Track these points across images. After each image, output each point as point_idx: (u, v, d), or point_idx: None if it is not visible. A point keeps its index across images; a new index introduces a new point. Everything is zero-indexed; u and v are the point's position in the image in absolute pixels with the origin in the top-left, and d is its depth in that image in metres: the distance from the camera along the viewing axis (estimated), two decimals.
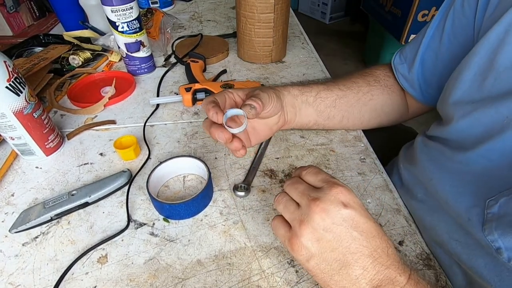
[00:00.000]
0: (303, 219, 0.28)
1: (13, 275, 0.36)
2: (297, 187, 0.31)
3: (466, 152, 0.35)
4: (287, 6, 0.68)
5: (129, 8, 0.60)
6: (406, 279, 0.27)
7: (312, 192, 0.29)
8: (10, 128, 0.45)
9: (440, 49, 0.43)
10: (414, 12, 1.55)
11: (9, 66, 0.42)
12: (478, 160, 0.34)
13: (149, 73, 0.72)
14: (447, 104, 0.38)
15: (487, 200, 0.31)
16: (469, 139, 0.35)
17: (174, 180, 0.47)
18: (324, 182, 0.30)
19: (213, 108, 0.36)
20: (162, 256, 0.38)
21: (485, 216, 0.30)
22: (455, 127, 0.37)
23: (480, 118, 0.33)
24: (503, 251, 0.28)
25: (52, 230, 0.41)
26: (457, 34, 0.40)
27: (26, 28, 0.97)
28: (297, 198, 0.30)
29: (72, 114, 0.60)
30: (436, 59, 0.44)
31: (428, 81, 0.47)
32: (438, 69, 0.44)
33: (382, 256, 0.27)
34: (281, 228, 0.31)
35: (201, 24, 0.94)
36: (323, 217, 0.27)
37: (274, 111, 0.41)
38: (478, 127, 0.34)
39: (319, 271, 0.28)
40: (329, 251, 0.28)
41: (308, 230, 0.28)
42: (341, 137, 0.54)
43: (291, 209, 0.30)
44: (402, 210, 0.43)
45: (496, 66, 0.32)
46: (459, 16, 0.39)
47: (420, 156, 0.43)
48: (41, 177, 0.48)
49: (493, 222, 0.29)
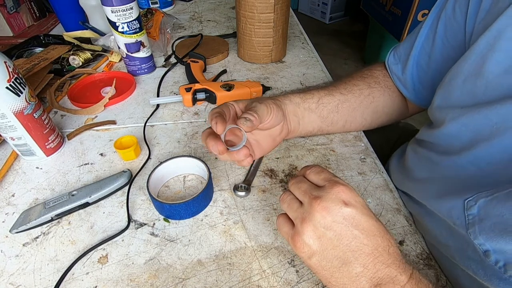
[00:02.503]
0: (305, 217, 0.29)
1: (13, 275, 0.36)
2: (300, 186, 0.31)
3: (453, 157, 0.35)
4: (287, 6, 0.68)
5: (129, 9, 0.60)
6: (407, 278, 0.27)
7: (314, 191, 0.30)
8: (11, 129, 0.45)
9: (433, 51, 0.43)
10: (414, 12, 1.55)
11: (9, 66, 0.42)
12: (465, 165, 0.34)
13: (149, 73, 0.72)
14: (436, 108, 0.38)
15: (465, 200, 0.31)
16: (457, 144, 0.35)
17: (175, 180, 0.47)
18: (326, 181, 0.30)
19: (215, 118, 0.36)
20: (163, 256, 0.38)
21: (466, 219, 0.30)
22: (443, 132, 0.37)
23: (468, 123, 0.33)
24: (491, 253, 0.28)
25: (52, 230, 0.41)
26: (449, 38, 0.40)
27: (26, 28, 0.97)
28: (300, 196, 0.31)
29: (72, 114, 0.60)
30: (430, 60, 0.44)
31: (422, 82, 0.47)
32: (431, 70, 0.44)
33: (383, 255, 0.27)
34: (284, 226, 0.31)
35: (201, 24, 0.94)
36: (324, 215, 0.28)
37: (275, 122, 0.41)
38: (466, 133, 0.34)
39: (321, 268, 0.29)
40: (330, 249, 0.28)
41: (309, 228, 0.28)
42: (341, 137, 0.54)
43: (294, 207, 0.31)
44: (402, 210, 0.43)
45: (485, 72, 0.31)
46: (450, 20, 0.39)
47: (410, 164, 0.44)
48: (41, 177, 0.48)
49: (475, 226, 0.29)
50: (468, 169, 0.34)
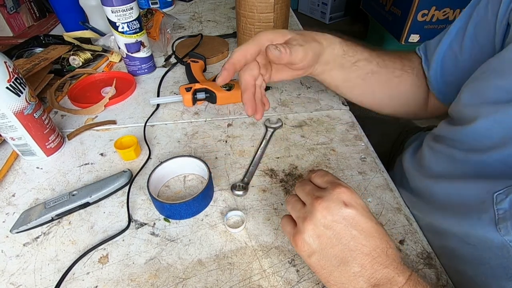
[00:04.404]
0: (306, 216, 0.29)
1: (14, 275, 0.36)
2: (304, 188, 0.32)
3: (480, 154, 0.34)
4: (287, 6, 0.68)
5: (129, 9, 0.60)
6: (405, 279, 0.27)
7: (316, 192, 0.30)
8: (11, 129, 0.45)
9: (461, 50, 0.42)
10: (414, 12, 1.55)
11: (10, 66, 0.42)
12: (492, 163, 0.33)
13: (150, 73, 0.72)
14: (464, 105, 0.38)
15: (494, 193, 0.30)
16: (486, 142, 0.34)
17: (175, 180, 0.47)
18: (329, 183, 0.31)
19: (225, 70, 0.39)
20: (163, 256, 0.38)
21: (495, 213, 0.29)
22: (471, 129, 0.36)
23: (502, 120, 0.32)
24: None
25: (53, 230, 0.41)
26: (479, 37, 0.40)
27: (27, 28, 0.97)
28: (303, 197, 0.32)
29: (72, 114, 0.60)
30: (456, 59, 0.43)
31: (446, 80, 0.46)
32: (457, 69, 0.44)
33: (381, 256, 0.28)
34: (288, 226, 0.32)
35: (201, 24, 0.94)
36: (324, 215, 0.28)
37: (304, 67, 0.41)
38: (499, 130, 0.33)
39: (320, 267, 0.29)
40: (329, 248, 0.28)
41: (310, 227, 0.29)
42: (341, 136, 0.54)
43: (297, 207, 0.32)
44: (402, 209, 0.43)
45: None
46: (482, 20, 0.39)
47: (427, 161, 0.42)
48: (41, 177, 0.48)
49: (508, 221, 0.28)
50: (496, 167, 0.33)
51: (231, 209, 0.42)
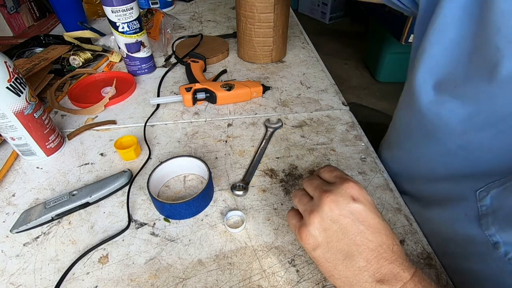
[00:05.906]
0: (313, 209, 0.30)
1: (14, 275, 0.36)
2: (312, 182, 0.32)
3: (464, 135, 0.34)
4: (287, 6, 0.68)
5: (129, 9, 0.60)
6: (410, 275, 0.27)
7: (325, 186, 0.31)
8: (11, 129, 0.45)
9: None
10: None
11: (10, 66, 0.42)
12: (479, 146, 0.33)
13: (150, 73, 0.72)
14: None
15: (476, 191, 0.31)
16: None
17: (175, 180, 0.47)
18: (337, 178, 0.31)
19: None
20: (163, 256, 0.38)
21: (479, 210, 0.30)
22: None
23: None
24: (501, 245, 0.28)
25: (53, 230, 0.41)
26: None
27: (27, 28, 0.97)
28: (311, 191, 0.32)
29: (72, 114, 0.60)
30: None
31: None
32: None
33: (387, 252, 0.28)
34: (293, 219, 0.32)
35: (201, 25, 0.94)
36: (332, 208, 0.28)
37: None
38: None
39: (324, 260, 0.29)
40: (334, 241, 0.28)
41: (316, 220, 0.29)
42: (341, 137, 0.54)
43: (304, 201, 0.32)
44: (402, 209, 0.42)
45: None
46: None
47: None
48: (41, 177, 0.48)
49: (489, 217, 0.29)
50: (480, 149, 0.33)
51: (231, 209, 0.42)
